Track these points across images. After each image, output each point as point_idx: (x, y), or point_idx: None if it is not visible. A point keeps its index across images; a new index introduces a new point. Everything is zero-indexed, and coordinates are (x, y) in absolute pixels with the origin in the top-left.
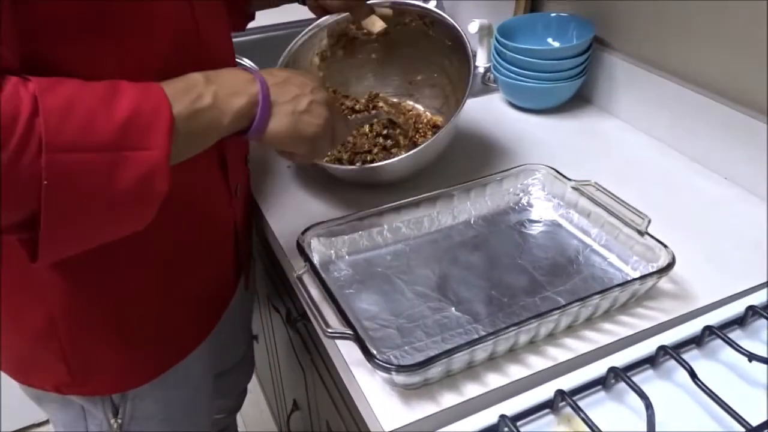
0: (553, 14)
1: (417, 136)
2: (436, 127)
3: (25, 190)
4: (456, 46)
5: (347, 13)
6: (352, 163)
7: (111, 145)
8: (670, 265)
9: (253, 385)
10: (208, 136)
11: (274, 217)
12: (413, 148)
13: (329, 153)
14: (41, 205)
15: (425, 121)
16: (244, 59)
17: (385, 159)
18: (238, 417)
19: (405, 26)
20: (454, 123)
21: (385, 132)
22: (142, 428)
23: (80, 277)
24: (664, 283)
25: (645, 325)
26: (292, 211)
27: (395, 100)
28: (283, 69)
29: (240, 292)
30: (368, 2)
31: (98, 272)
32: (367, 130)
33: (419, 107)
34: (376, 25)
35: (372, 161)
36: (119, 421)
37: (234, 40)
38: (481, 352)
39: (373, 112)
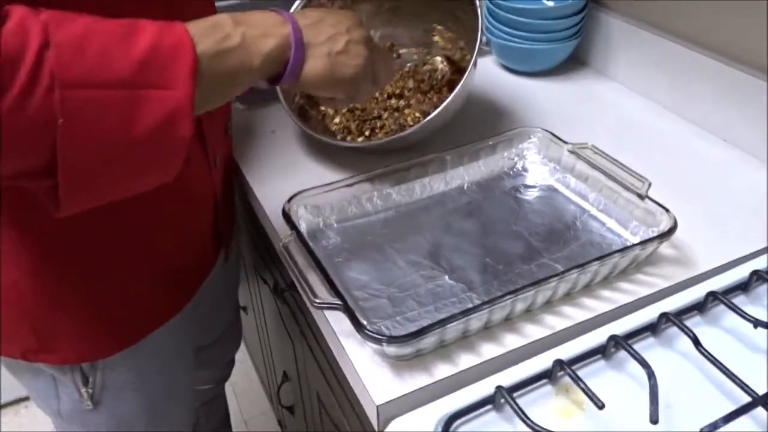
0: None
1: (432, 93)
2: (451, 83)
3: (37, 129)
4: None
5: None
6: (361, 131)
7: (128, 82)
8: (672, 230)
9: (244, 356)
10: (237, 79)
11: (258, 183)
12: (425, 106)
13: (339, 122)
14: (57, 148)
15: (440, 77)
16: None
17: (396, 123)
18: (229, 388)
19: None
20: (469, 81)
21: (398, 92)
22: (114, 398)
23: (48, 245)
24: (664, 248)
25: (646, 291)
26: (277, 176)
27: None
28: (315, 9)
29: (222, 263)
30: None
31: (67, 241)
32: (377, 93)
33: (437, 59)
34: None
35: (382, 127)
36: (90, 390)
37: (233, 2)
38: (475, 322)
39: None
